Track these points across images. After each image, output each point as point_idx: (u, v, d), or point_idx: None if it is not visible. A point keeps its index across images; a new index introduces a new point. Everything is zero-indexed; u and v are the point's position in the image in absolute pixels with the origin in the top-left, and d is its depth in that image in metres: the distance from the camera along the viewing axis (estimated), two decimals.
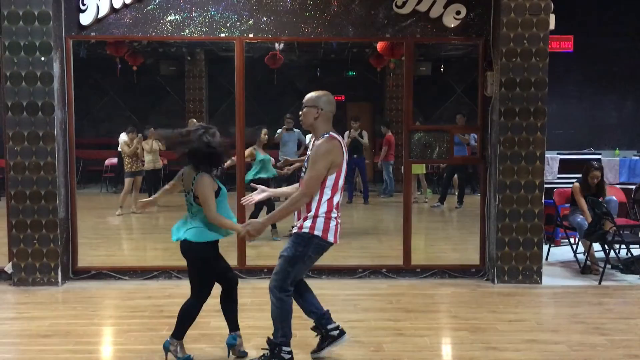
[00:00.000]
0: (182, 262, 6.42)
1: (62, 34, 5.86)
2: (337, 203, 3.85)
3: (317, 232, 3.79)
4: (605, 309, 5.21)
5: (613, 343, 4.36)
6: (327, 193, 3.79)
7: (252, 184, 4.56)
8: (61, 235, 5.84)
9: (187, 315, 3.98)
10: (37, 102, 5.71)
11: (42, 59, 5.69)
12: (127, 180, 9.80)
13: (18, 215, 5.77)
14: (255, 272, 6.12)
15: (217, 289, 4.14)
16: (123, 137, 11.42)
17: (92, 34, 5.98)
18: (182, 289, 5.74)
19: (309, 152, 3.88)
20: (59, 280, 5.82)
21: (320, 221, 3.78)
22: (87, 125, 13.02)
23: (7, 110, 5.71)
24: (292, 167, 7.68)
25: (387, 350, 4.24)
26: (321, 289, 5.73)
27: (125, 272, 6.09)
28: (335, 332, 4.05)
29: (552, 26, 5.81)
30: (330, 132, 3.85)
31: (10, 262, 5.85)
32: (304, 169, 3.88)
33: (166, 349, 3.94)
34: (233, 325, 4.13)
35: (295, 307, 3.97)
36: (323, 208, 3.79)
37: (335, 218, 3.84)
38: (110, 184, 12.61)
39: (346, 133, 10.64)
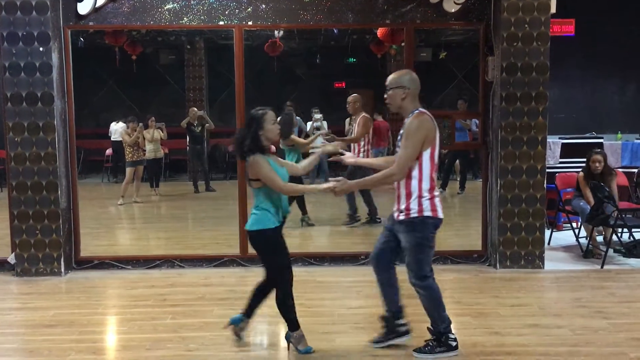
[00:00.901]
0: (185, 251, 6.52)
1: (60, 23, 5.82)
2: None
3: (427, 212, 3.74)
4: (608, 292, 5.21)
5: (615, 327, 4.36)
6: (426, 169, 3.72)
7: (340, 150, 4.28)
8: (63, 226, 5.85)
9: (286, 307, 3.89)
10: (36, 92, 5.69)
11: (41, 49, 5.67)
12: (129, 170, 9.80)
13: (20, 206, 5.77)
14: (258, 260, 6.08)
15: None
16: (114, 126, 11.43)
17: (90, 23, 5.94)
18: (185, 277, 5.78)
19: (402, 131, 3.79)
20: (62, 270, 5.84)
21: (425, 202, 3.73)
22: (87, 115, 13.00)
23: (6, 101, 5.70)
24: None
25: None
26: (323, 275, 5.79)
27: (128, 261, 6.11)
28: (403, 329, 4.05)
29: (553, 10, 5.76)
30: (420, 109, 3.78)
31: (13, 253, 5.87)
32: (397, 147, 3.82)
33: (288, 340, 3.95)
34: (251, 311, 4.14)
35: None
36: (425, 185, 3.72)
37: (437, 195, 3.81)
38: (111, 174, 12.62)
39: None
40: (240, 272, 5.96)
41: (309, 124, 11.21)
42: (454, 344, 3.90)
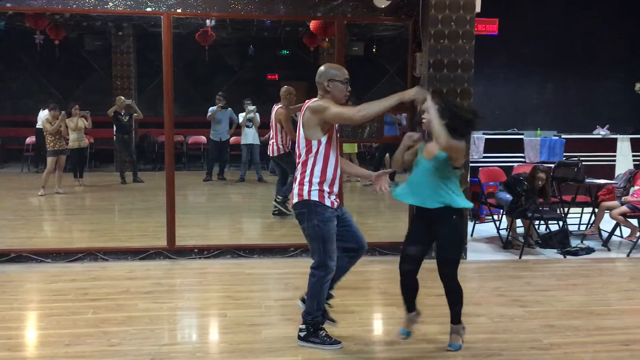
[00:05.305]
0: (109, 244, 6.32)
1: None
2: None
3: None
4: (525, 282, 5.46)
5: (531, 314, 4.58)
6: None
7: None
8: None
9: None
10: None
11: None
12: (50, 160, 9.38)
13: None
14: (186, 252, 6.02)
15: None
16: (42, 114, 10.93)
17: (8, 4, 5.63)
18: (108, 271, 5.60)
19: None
20: None
21: None
22: (4, 102, 12.35)
23: None
24: None
25: None
26: (252, 268, 5.77)
27: (47, 254, 5.86)
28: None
29: (478, 9, 5.95)
30: None
31: None
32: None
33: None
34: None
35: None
36: None
37: None
38: (32, 164, 12.06)
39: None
40: (166, 264, 5.85)
41: (241, 115, 11.10)
42: None
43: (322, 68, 3.83)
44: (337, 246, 3.88)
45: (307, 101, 3.80)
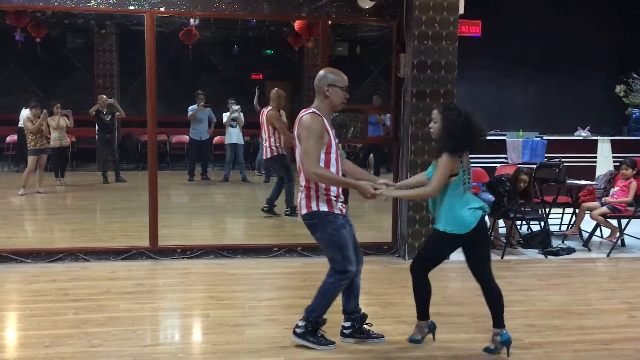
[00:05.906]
0: (91, 244, 6.27)
1: None
2: None
3: None
4: (506, 282, 5.50)
5: (512, 314, 4.60)
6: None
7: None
8: None
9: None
10: None
11: None
12: (31, 159, 9.27)
13: None
14: (168, 252, 5.98)
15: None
16: (25, 113, 10.80)
17: None
18: (89, 271, 5.56)
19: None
20: None
21: None
22: None
23: None
24: None
25: None
26: (236, 268, 5.75)
27: (27, 254, 5.79)
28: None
29: (461, 11, 5.99)
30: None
31: None
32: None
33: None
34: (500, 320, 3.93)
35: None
36: None
37: None
38: (13, 163, 11.91)
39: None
40: (149, 265, 5.81)
41: (225, 115, 11.06)
42: None
43: (321, 72, 3.77)
44: None
45: (301, 111, 3.74)
